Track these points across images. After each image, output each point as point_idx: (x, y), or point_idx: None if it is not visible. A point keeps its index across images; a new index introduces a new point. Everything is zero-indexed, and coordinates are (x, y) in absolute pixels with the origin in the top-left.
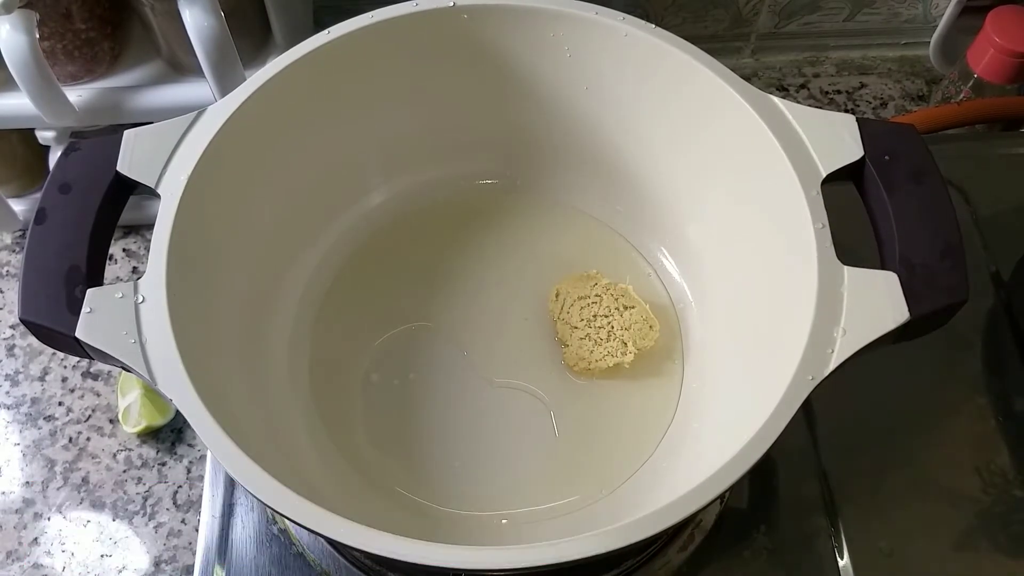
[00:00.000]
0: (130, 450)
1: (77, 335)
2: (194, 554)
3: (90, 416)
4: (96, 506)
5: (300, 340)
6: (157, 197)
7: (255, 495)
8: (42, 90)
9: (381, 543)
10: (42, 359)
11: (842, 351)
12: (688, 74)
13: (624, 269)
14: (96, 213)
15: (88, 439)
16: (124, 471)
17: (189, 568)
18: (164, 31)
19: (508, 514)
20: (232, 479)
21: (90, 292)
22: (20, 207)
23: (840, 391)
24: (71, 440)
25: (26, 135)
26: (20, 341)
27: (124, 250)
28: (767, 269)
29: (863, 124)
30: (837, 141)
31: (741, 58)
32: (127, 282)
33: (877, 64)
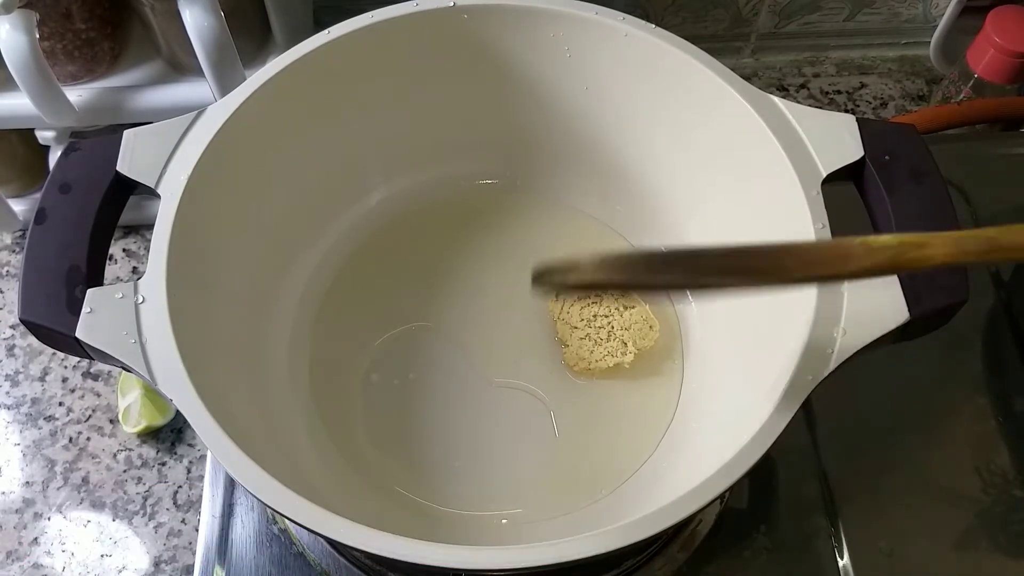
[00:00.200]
0: (130, 450)
1: (77, 335)
2: (194, 554)
3: (90, 416)
4: (96, 506)
5: (300, 340)
6: (157, 197)
7: (255, 495)
8: (42, 90)
9: (381, 543)
10: (42, 359)
11: (842, 351)
12: (688, 74)
13: None
14: (96, 213)
15: (88, 439)
16: (124, 471)
17: (189, 568)
18: (164, 31)
19: (508, 514)
20: (232, 479)
21: (90, 292)
22: (20, 207)
23: (840, 391)
24: (71, 440)
25: (26, 135)
26: (20, 341)
27: (124, 250)
28: None
29: (863, 124)
30: (837, 141)
31: (741, 58)
32: (127, 282)
33: (877, 64)
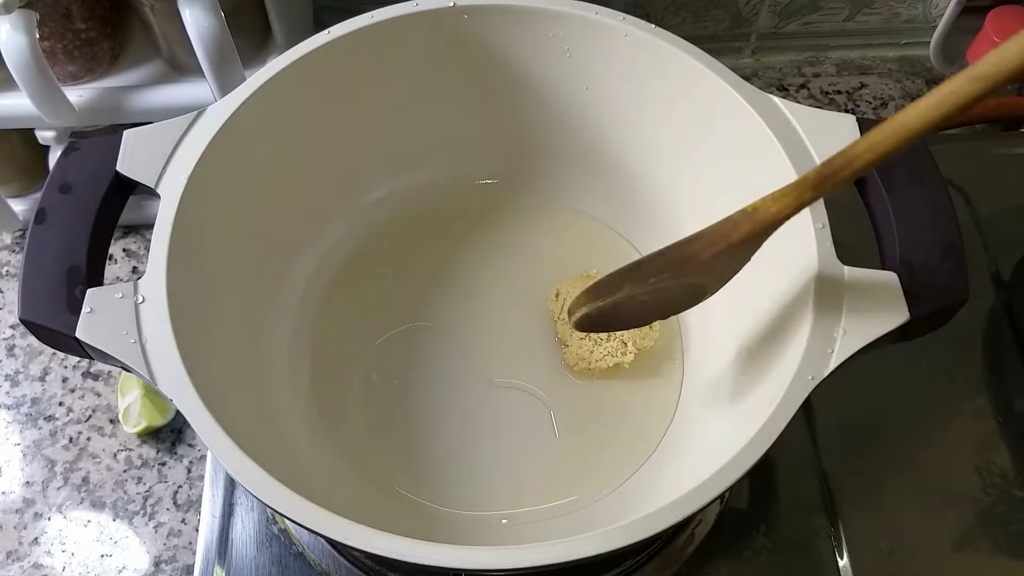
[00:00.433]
0: (130, 450)
1: (77, 335)
2: (194, 554)
3: (90, 416)
4: (96, 506)
5: (300, 340)
6: (157, 197)
7: (255, 495)
8: (42, 90)
9: (381, 543)
10: (42, 359)
11: (842, 351)
12: (688, 74)
13: None
14: (96, 213)
15: (88, 439)
16: (124, 471)
17: (189, 568)
18: (164, 31)
19: (508, 514)
20: (232, 479)
21: (90, 292)
22: (20, 207)
23: (840, 391)
24: (71, 440)
25: (26, 135)
26: (20, 341)
27: (124, 250)
28: (767, 269)
29: (863, 124)
30: (837, 141)
31: (741, 58)
32: (127, 282)
33: (877, 64)
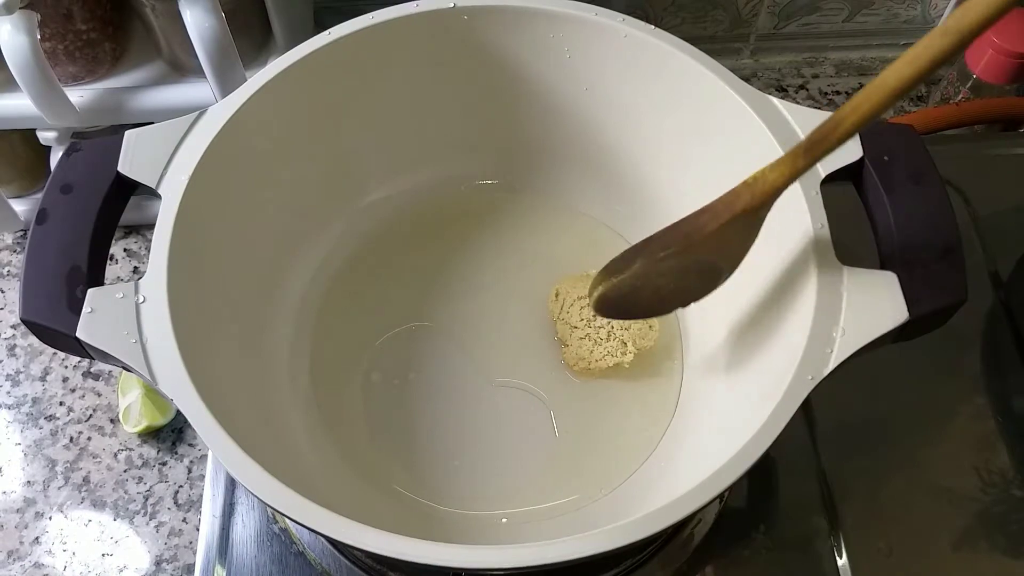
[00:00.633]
0: (131, 450)
1: (78, 335)
2: (195, 553)
3: (91, 416)
4: (97, 505)
5: (300, 340)
6: (158, 197)
7: (255, 494)
8: (43, 91)
9: (382, 542)
10: (43, 359)
11: (841, 351)
12: (687, 75)
13: None
14: (97, 213)
15: (89, 439)
16: (125, 471)
17: (190, 567)
18: (165, 32)
19: (508, 513)
20: (233, 478)
21: (91, 292)
22: (21, 207)
23: (839, 391)
24: (72, 440)
25: (27, 135)
26: (21, 341)
27: (125, 250)
28: (766, 269)
29: None
30: None
31: (740, 59)
32: (128, 282)
33: (876, 65)
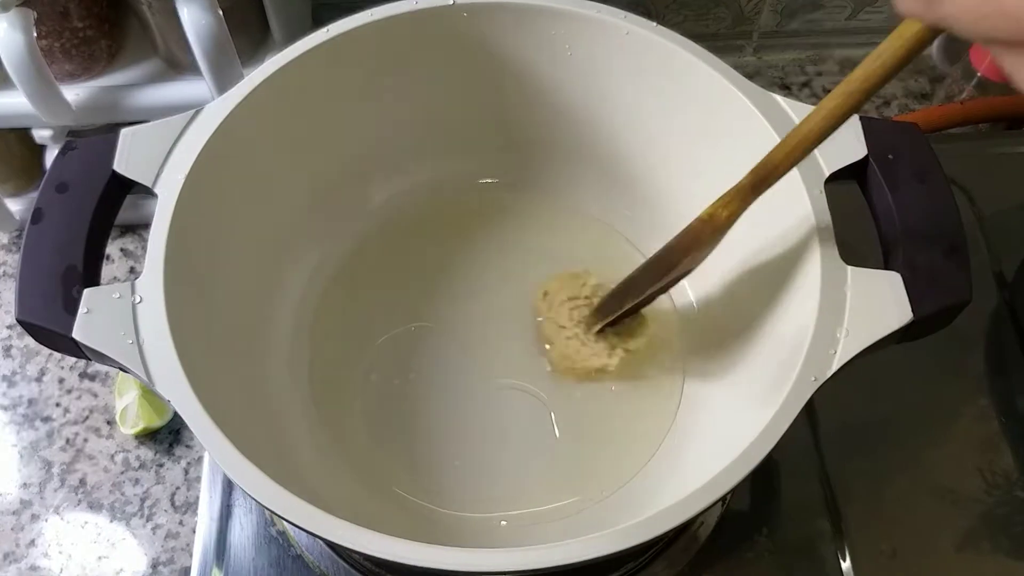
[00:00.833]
0: (128, 451)
1: (74, 336)
2: (192, 556)
3: (87, 417)
4: (93, 508)
5: (299, 340)
6: (154, 196)
7: (253, 497)
8: (39, 89)
9: (380, 545)
10: (39, 360)
11: (845, 352)
12: (690, 72)
13: (624, 269)
14: (93, 212)
15: (85, 440)
16: (122, 472)
17: (187, 570)
18: (162, 29)
19: (508, 516)
20: (230, 481)
21: (87, 292)
22: (16, 207)
23: (843, 392)
24: (68, 441)
25: (23, 134)
26: (17, 342)
27: (121, 250)
28: (769, 269)
29: (866, 123)
30: (840, 140)
31: (743, 56)
32: (124, 282)
33: None
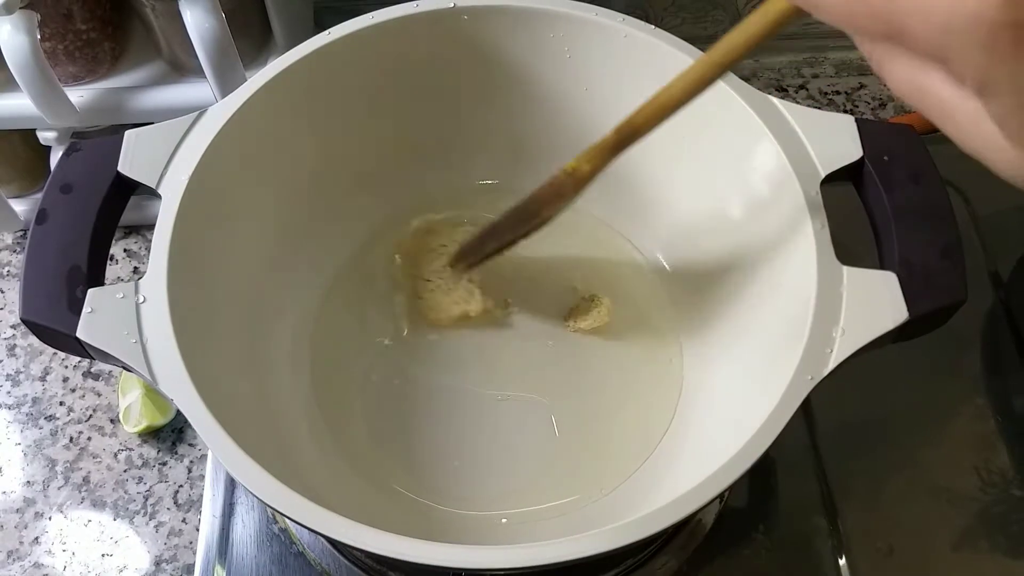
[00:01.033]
0: (131, 450)
1: (78, 335)
2: (195, 553)
3: (91, 416)
4: (97, 505)
5: (301, 340)
6: (158, 197)
7: (256, 494)
8: (43, 91)
9: (381, 542)
10: (43, 359)
11: (841, 351)
12: None
13: (623, 268)
14: (97, 213)
15: (89, 439)
16: (125, 471)
17: (190, 567)
18: (165, 31)
19: (508, 513)
20: (233, 479)
21: (91, 292)
22: (21, 207)
23: (839, 391)
24: (72, 440)
25: (27, 135)
26: (21, 341)
27: (125, 250)
28: (766, 269)
29: (862, 124)
30: (836, 141)
31: None
32: (128, 282)
33: None
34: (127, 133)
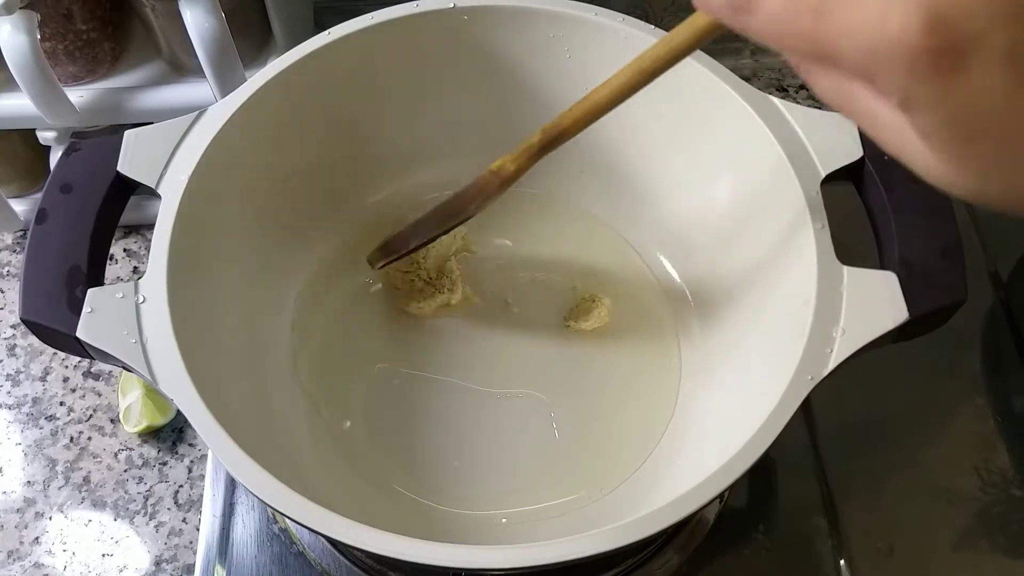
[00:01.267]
0: (131, 449)
1: (78, 335)
2: (195, 553)
3: (91, 416)
4: (97, 505)
5: (301, 339)
6: (158, 197)
7: (255, 494)
8: (43, 91)
9: (382, 542)
10: (43, 359)
11: (841, 351)
12: (688, 75)
13: (623, 269)
14: (97, 213)
15: (89, 439)
16: (125, 470)
17: (190, 567)
18: (165, 31)
19: (508, 513)
20: (233, 478)
21: (91, 292)
22: (21, 207)
23: (839, 391)
24: (72, 440)
25: (27, 135)
26: (21, 341)
27: (125, 250)
28: (767, 269)
29: None
30: (836, 141)
31: (740, 59)
32: (128, 282)
33: None
34: (127, 133)
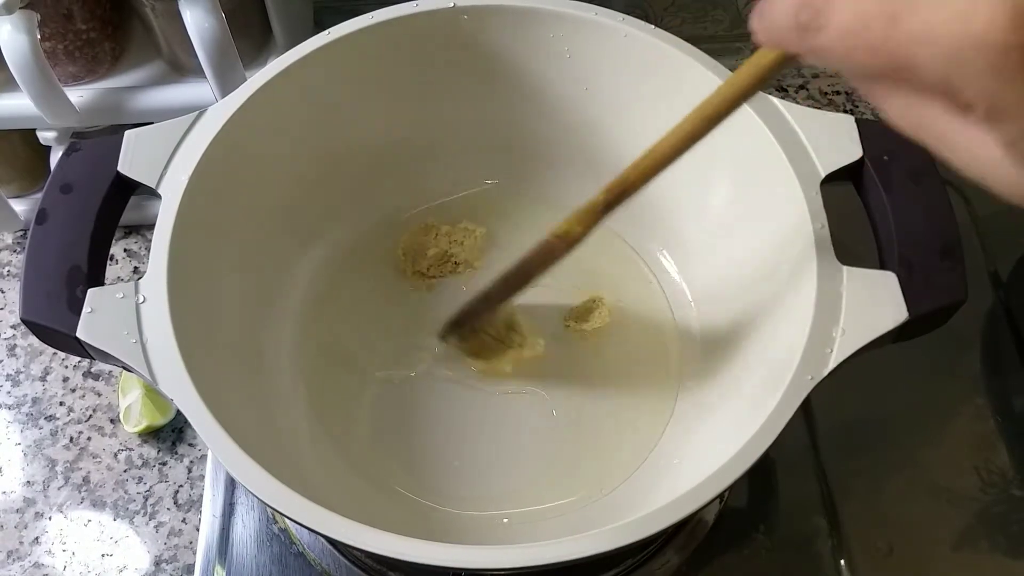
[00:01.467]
0: (131, 450)
1: (78, 335)
2: (195, 553)
3: (91, 416)
4: (97, 505)
5: (301, 339)
6: (158, 197)
7: (255, 494)
8: (43, 91)
9: (382, 542)
10: (43, 359)
11: (841, 351)
12: (688, 75)
13: (623, 270)
14: (97, 213)
15: (89, 439)
16: (125, 471)
17: (190, 567)
18: (165, 31)
19: (508, 513)
20: (233, 479)
21: (91, 292)
22: (21, 207)
23: (839, 391)
24: (72, 440)
25: (27, 135)
26: (21, 341)
27: (125, 250)
28: (766, 269)
29: (862, 124)
30: (836, 141)
31: (740, 59)
32: (128, 282)
33: None
34: (127, 133)
